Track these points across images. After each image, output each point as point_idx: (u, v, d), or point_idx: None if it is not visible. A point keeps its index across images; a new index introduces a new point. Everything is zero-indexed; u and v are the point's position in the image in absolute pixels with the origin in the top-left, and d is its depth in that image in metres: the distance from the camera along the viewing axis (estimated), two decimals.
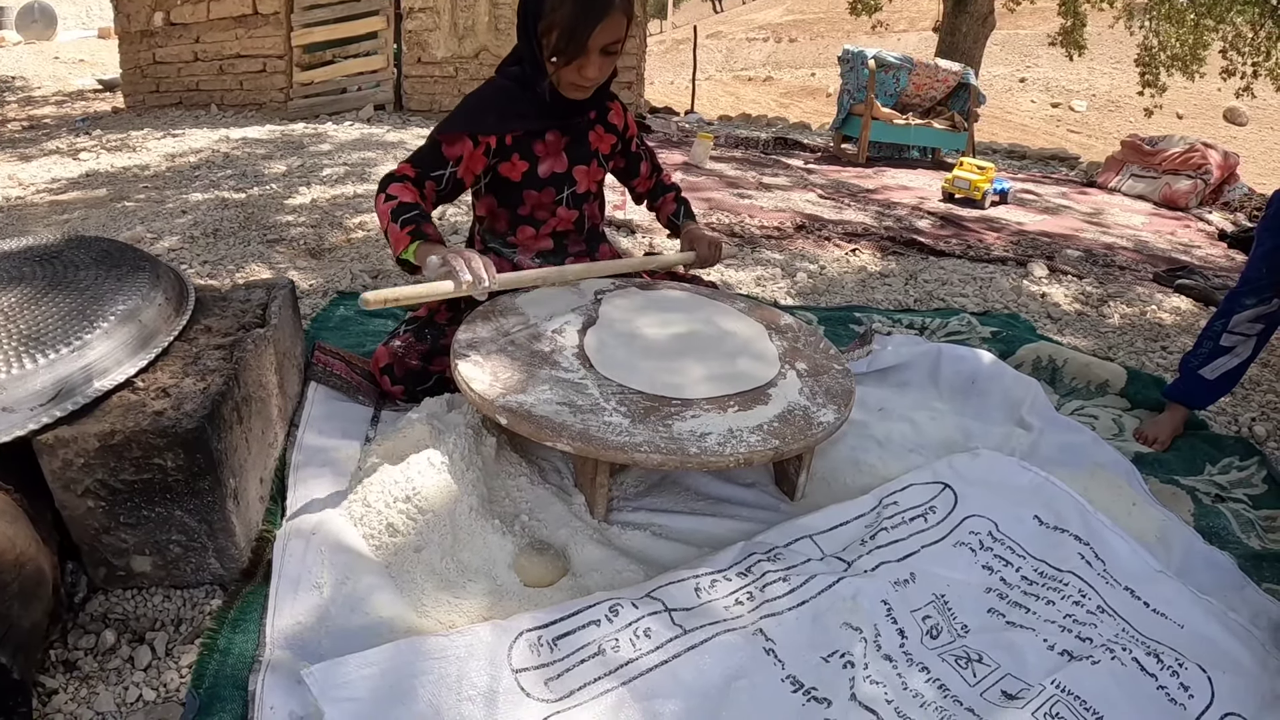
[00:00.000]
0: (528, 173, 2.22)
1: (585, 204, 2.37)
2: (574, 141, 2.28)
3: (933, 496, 1.90)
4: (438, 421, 1.81)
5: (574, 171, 2.29)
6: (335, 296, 3.01)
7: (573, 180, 2.30)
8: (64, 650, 1.43)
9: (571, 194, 2.31)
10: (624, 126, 2.42)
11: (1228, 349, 2.38)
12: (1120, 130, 14.41)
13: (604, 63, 2.07)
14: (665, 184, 2.61)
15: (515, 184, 2.23)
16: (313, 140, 6.22)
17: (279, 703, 1.30)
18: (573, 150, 2.28)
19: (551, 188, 2.26)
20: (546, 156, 2.23)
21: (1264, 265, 2.29)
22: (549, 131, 2.23)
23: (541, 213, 2.29)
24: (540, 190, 2.25)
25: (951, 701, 1.44)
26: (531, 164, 2.22)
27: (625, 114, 2.44)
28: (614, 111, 2.39)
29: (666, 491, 1.95)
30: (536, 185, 2.24)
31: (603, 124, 2.36)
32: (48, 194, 4.59)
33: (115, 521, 1.47)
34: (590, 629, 1.42)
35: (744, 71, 21.96)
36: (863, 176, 6.65)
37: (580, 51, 2.01)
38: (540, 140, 2.22)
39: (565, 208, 2.32)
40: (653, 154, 2.58)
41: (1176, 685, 1.48)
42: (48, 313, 1.53)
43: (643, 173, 2.55)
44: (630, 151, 2.48)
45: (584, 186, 2.34)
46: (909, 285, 3.76)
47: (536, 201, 2.27)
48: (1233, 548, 1.98)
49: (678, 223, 2.55)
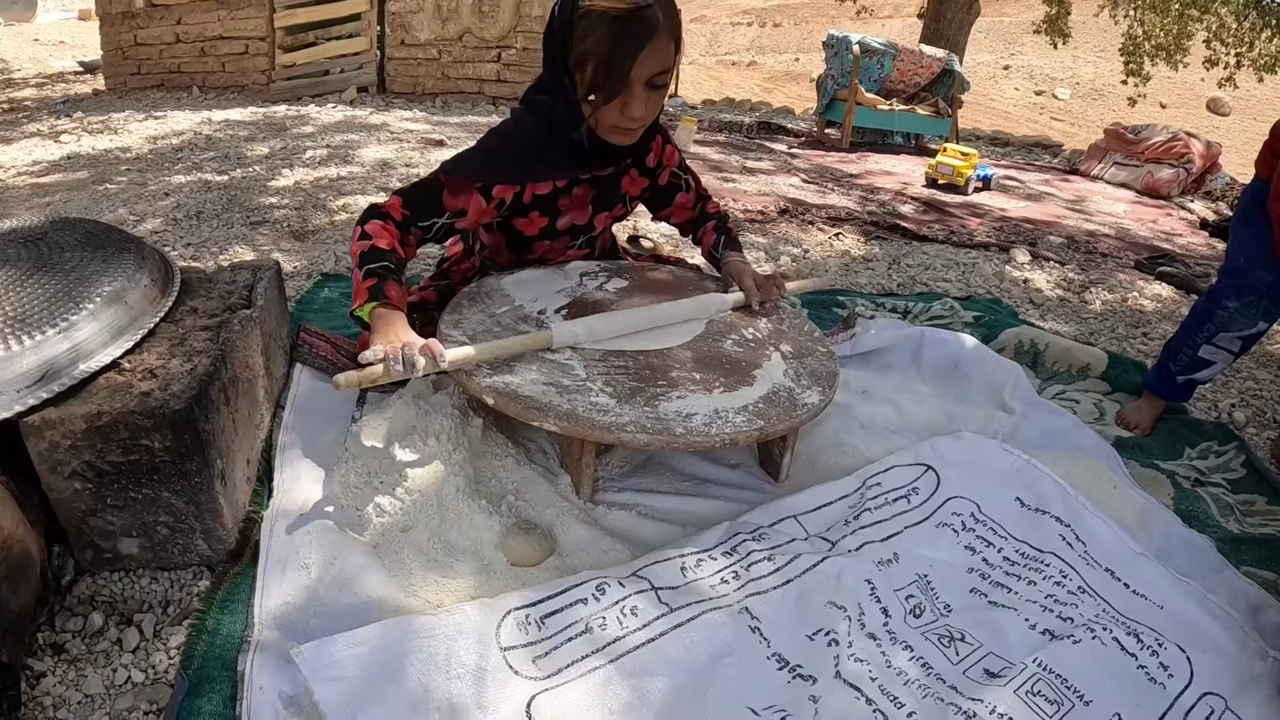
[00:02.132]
0: (546, 228, 2.02)
1: (598, 241, 2.22)
2: (602, 193, 2.03)
3: (915, 478, 1.92)
4: (424, 402, 1.82)
5: (595, 219, 2.09)
6: (319, 278, 3.00)
7: (591, 228, 2.11)
8: (51, 633, 1.43)
9: (587, 239, 2.15)
10: (658, 164, 2.13)
11: (1207, 362, 2.40)
12: (1103, 119, 14.47)
13: (651, 98, 1.77)
14: (708, 212, 2.32)
15: (529, 237, 2.05)
16: (295, 122, 6.18)
17: (268, 682, 1.31)
18: (600, 201, 2.05)
19: (568, 237, 2.09)
20: (569, 210, 2.01)
21: (1241, 256, 2.30)
22: (578, 186, 1.97)
23: (552, 255, 2.15)
24: (555, 239, 2.08)
25: (935, 679, 1.46)
26: (551, 219, 2.00)
27: (664, 147, 2.13)
28: (653, 151, 2.10)
29: (652, 472, 1.96)
30: (553, 236, 2.06)
31: (638, 167, 2.10)
32: (29, 177, 4.55)
33: (102, 503, 1.47)
34: (577, 607, 1.43)
35: (728, 56, 21.91)
36: (846, 162, 6.66)
37: (621, 87, 1.71)
38: (567, 196, 1.98)
39: (576, 250, 2.17)
40: (696, 181, 2.29)
41: (1156, 665, 1.50)
42: (33, 295, 1.52)
43: (679, 203, 2.27)
44: (660, 185, 2.20)
45: (599, 230, 2.15)
46: (892, 270, 3.78)
47: (549, 249, 2.11)
48: (1212, 531, 2.01)
49: (716, 256, 2.26)
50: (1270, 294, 2.26)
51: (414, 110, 7.29)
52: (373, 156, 5.05)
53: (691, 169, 2.28)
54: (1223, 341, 2.35)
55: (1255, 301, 2.27)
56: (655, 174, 2.14)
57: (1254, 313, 2.28)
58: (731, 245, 2.26)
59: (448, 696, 1.26)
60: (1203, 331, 2.38)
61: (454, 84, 8.24)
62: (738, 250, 2.26)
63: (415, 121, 6.53)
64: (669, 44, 1.71)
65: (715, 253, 2.27)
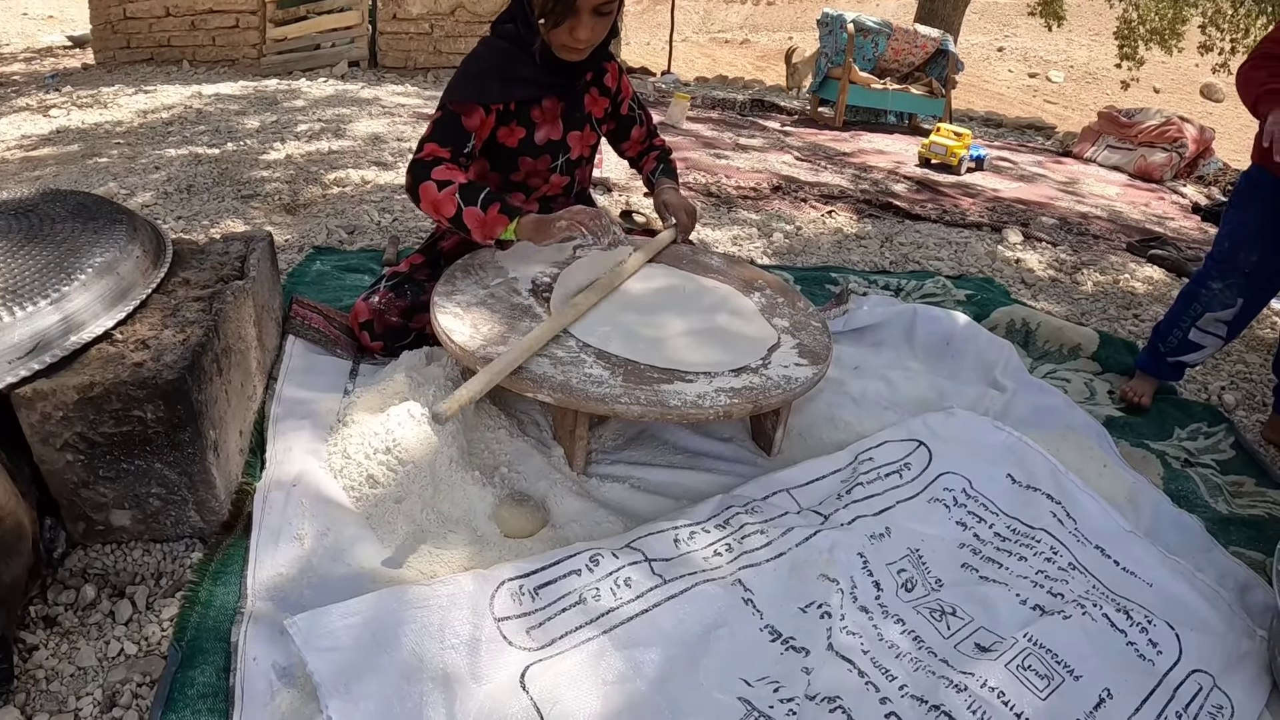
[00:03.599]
0: (524, 139, 2.16)
1: (577, 169, 2.33)
2: (569, 107, 2.22)
3: (908, 453, 1.93)
4: (417, 374, 1.82)
5: (568, 138, 2.24)
6: (311, 251, 2.99)
7: (567, 147, 2.25)
8: (44, 606, 1.43)
9: (565, 160, 2.26)
10: (617, 89, 2.35)
11: (1196, 345, 2.42)
12: (1096, 102, 14.43)
13: (597, 23, 1.99)
14: (654, 145, 2.54)
15: (511, 150, 2.17)
16: (287, 96, 6.13)
17: (262, 653, 1.31)
18: (568, 116, 2.22)
19: (547, 154, 2.21)
20: (543, 123, 2.17)
21: (1228, 240, 2.33)
22: (546, 98, 2.16)
23: (535, 179, 2.25)
24: (536, 157, 2.20)
25: (926, 652, 1.47)
26: (528, 130, 2.16)
27: (621, 76, 2.36)
28: (609, 73, 2.32)
29: (645, 445, 1.97)
30: (533, 153, 2.19)
31: (597, 86, 2.30)
32: (19, 150, 4.51)
33: (94, 475, 1.46)
34: (571, 578, 1.44)
35: (721, 34, 21.78)
36: (839, 140, 6.65)
37: (569, 12, 1.93)
38: (537, 106, 2.16)
39: (558, 174, 2.28)
40: (649, 118, 2.51)
41: (1145, 641, 1.52)
42: (24, 266, 1.51)
43: (634, 137, 2.48)
44: (621, 115, 2.41)
45: (577, 152, 2.29)
46: (885, 247, 3.78)
47: (531, 168, 2.22)
48: (1200, 511, 2.03)
49: (653, 180, 2.48)
50: (1252, 275, 2.29)
51: (405, 85, 7.23)
52: (365, 130, 5.02)
53: (645, 106, 2.51)
54: (1209, 325, 2.38)
55: (1236, 282, 2.31)
56: (615, 98, 2.36)
57: (1233, 293, 2.32)
58: (667, 173, 2.48)
59: (442, 667, 1.26)
60: (1189, 314, 2.41)
61: (446, 58, 8.18)
62: (672, 178, 2.49)
63: (407, 96, 6.48)
64: None
65: (651, 177, 2.48)
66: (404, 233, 3.30)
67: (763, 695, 1.34)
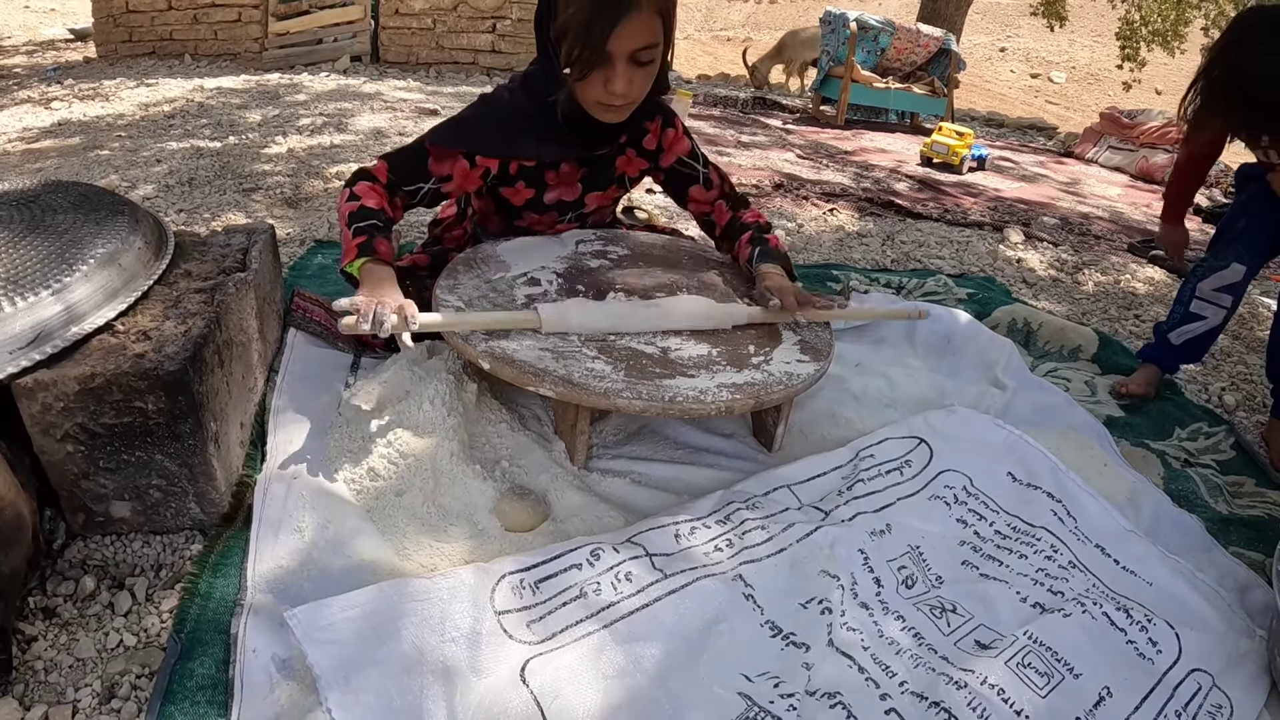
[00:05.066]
0: (532, 199, 1.99)
1: (591, 218, 2.16)
2: (594, 171, 1.99)
3: (908, 451, 1.93)
4: (418, 368, 1.81)
5: (585, 198, 2.04)
6: (313, 245, 2.99)
7: (582, 205, 2.06)
8: (43, 597, 1.43)
9: (577, 214, 2.09)
10: (657, 149, 2.06)
11: (1197, 316, 2.42)
12: (1098, 103, 14.42)
13: (636, 75, 1.71)
14: (741, 221, 2.14)
15: (515, 205, 2.02)
16: (289, 90, 6.13)
17: (262, 645, 1.31)
18: (591, 179, 2.01)
19: (554, 212, 2.05)
20: (557, 186, 1.97)
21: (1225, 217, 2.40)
22: (565, 162, 1.94)
23: (540, 227, 2.10)
24: (542, 214, 2.04)
25: (926, 649, 1.47)
26: (537, 191, 1.97)
27: (664, 133, 2.05)
28: (651, 134, 2.02)
29: (646, 440, 1.96)
30: (538, 210, 2.02)
31: (635, 148, 2.03)
32: (20, 143, 4.51)
33: (95, 466, 1.46)
34: (572, 572, 1.44)
35: (723, 32, 21.76)
36: (841, 138, 6.65)
37: (599, 60, 1.66)
38: (554, 170, 1.95)
39: (566, 224, 2.12)
40: (721, 178, 2.16)
41: (1145, 640, 1.51)
42: (26, 256, 1.51)
43: (693, 196, 2.14)
44: (668, 168, 2.10)
45: (593, 207, 2.09)
46: (886, 246, 3.78)
47: (537, 221, 2.07)
48: (1201, 511, 2.02)
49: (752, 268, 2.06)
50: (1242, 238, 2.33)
51: (407, 80, 7.23)
52: (367, 125, 5.02)
53: (716, 165, 2.16)
54: (1208, 294, 2.38)
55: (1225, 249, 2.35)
56: (656, 157, 2.07)
57: (1227, 256, 2.34)
58: (766, 256, 2.04)
59: (442, 660, 1.26)
60: (1188, 287, 2.43)
61: (448, 54, 8.17)
62: (772, 260, 2.03)
63: (409, 91, 6.48)
64: (653, 18, 1.66)
65: (749, 265, 2.07)
66: (405, 227, 3.29)
67: (763, 690, 1.34)
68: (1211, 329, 2.43)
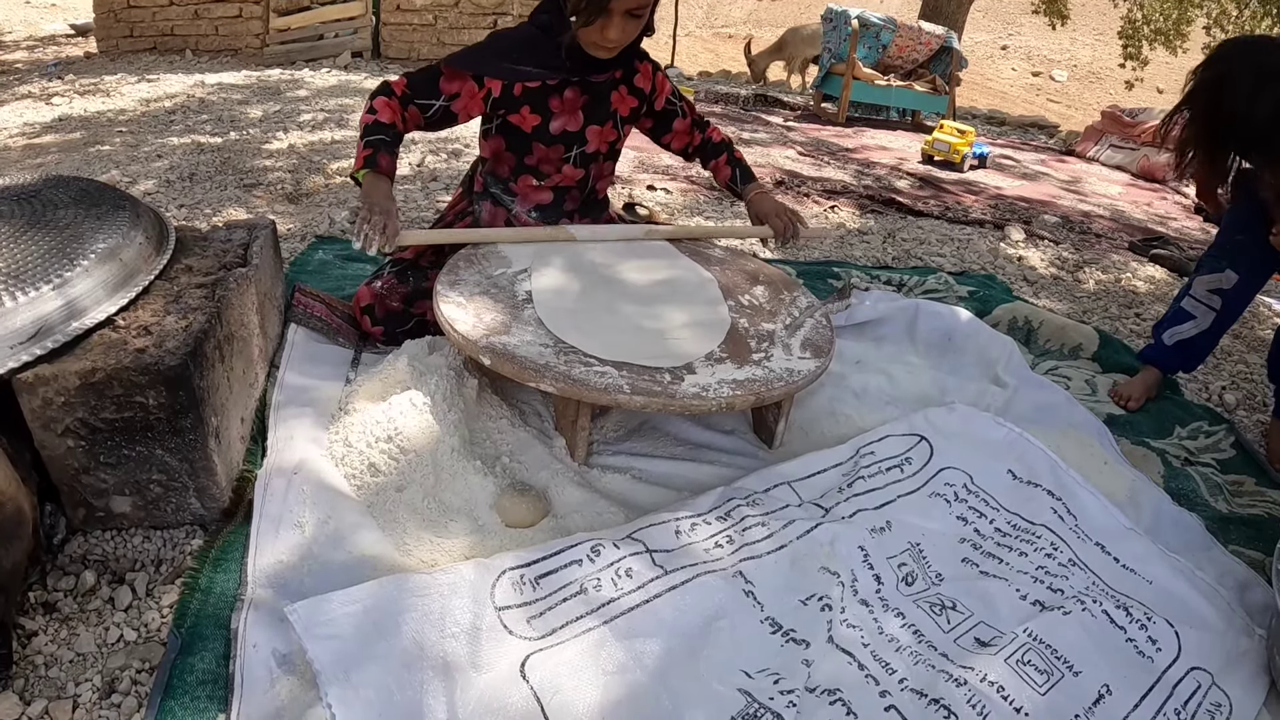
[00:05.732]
0: (539, 126, 2.16)
1: (593, 164, 2.30)
2: (593, 101, 2.20)
3: (909, 448, 1.93)
4: (419, 363, 1.82)
5: (586, 131, 2.22)
6: (314, 241, 2.99)
7: (583, 139, 2.23)
8: (43, 592, 1.43)
9: (580, 153, 2.24)
10: (651, 89, 2.32)
11: (1188, 315, 2.41)
12: (1100, 102, 14.39)
13: (628, 24, 2.01)
14: (715, 141, 2.49)
15: (525, 134, 2.18)
16: (290, 86, 6.13)
17: (262, 640, 1.31)
18: (590, 109, 2.21)
19: (561, 144, 2.20)
20: (561, 113, 2.17)
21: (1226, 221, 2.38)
22: (569, 88, 2.15)
23: (547, 166, 2.23)
24: (549, 145, 2.19)
25: (926, 646, 1.47)
26: (544, 118, 2.16)
27: (655, 75, 2.33)
28: (641, 74, 2.28)
29: (646, 437, 1.97)
30: (546, 140, 2.18)
31: (627, 85, 2.26)
32: (21, 138, 4.51)
33: (95, 461, 1.46)
34: (572, 568, 1.44)
35: (725, 29, 21.71)
36: (842, 136, 6.64)
37: (600, 12, 1.95)
38: (558, 96, 2.15)
39: (572, 166, 2.25)
40: (691, 107, 2.46)
41: (1145, 638, 1.52)
42: (27, 251, 1.51)
43: (677, 128, 2.43)
44: (657, 110, 2.37)
45: (594, 146, 2.26)
46: (887, 243, 3.77)
47: (544, 155, 2.21)
48: (1201, 510, 2.02)
49: (738, 189, 2.44)
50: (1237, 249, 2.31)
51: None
52: None
53: (685, 97, 2.46)
54: (1200, 293, 2.38)
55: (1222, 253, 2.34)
56: (649, 98, 2.33)
57: (1221, 261, 2.33)
58: (748, 177, 2.44)
59: (442, 655, 1.26)
60: (1185, 285, 2.44)
61: (449, 50, 8.07)
62: (754, 180, 2.44)
63: None
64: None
65: (734, 185, 2.44)
66: (407, 223, 3.29)
67: (763, 687, 1.34)
68: (1202, 332, 2.41)
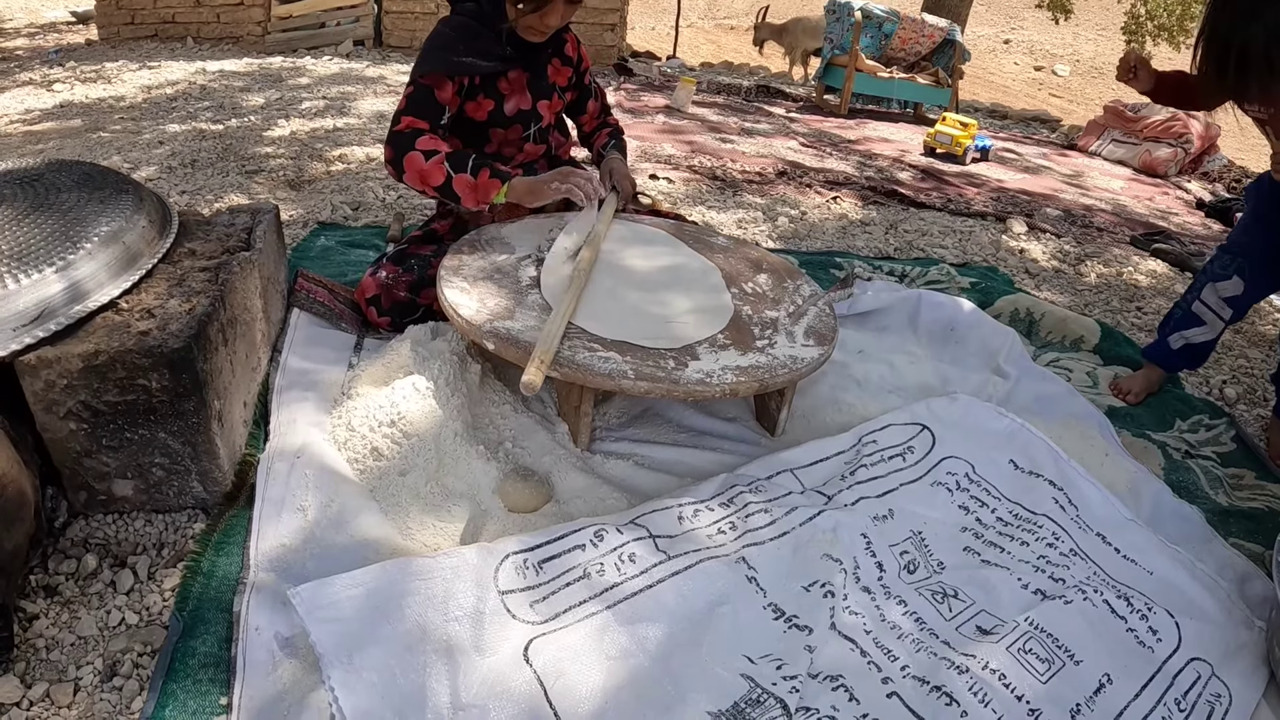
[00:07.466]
0: (493, 111, 2.22)
1: (550, 136, 2.38)
2: (535, 77, 2.28)
3: (911, 437, 1.93)
4: (422, 348, 1.81)
5: (538, 106, 2.30)
6: (316, 227, 2.98)
7: (538, 115, 2.31)
8: (44, 575, 1.43)
9: (538, 129, 2.32)
10: (578, 59, 2.42)
11: (1198, 320, 2.40)
12: (1102, 97, 14.34)
13: (567, 11, 2.08)
14: (608, 123, 2.61)
15: (480, 123, 2.23)
16: (291, 74, 6.11)
17: (264, 623, 1.31)
18: (534, 86, 2.28)
19: (518, 124, 2.27)
20: (511, 94, 2.23)
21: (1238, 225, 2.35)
22: (512, 69, 2.22)
23: (509, 149, 2.30)
24: (507, 128, 2.26)
25: (927, 634, 1.47)
26: (497, 102, 2.22)
27: (579, 46, 2.43)
28: (569, 43, 2.38)
29: (649, 423, 1.97)
30: (503, 123, 2.25)
31: (559, 56, 2.35)
32: (22, 125, 4.49)
33: (97, 444, 1.46)
34: (576, 553, 1.44)
35: (726, 20, 21.63)
36: (844, 127, 6.62)
37: (545, 3, 2.02)
38: (504, 78, 2.22)
39: (532, 143, 2.33)
40: (603, 94, 2.58)
41: (1145, 628, 1.52)
42: (30, 234, 1.51)
43: (590, 111, 2.55)
44: (582, 84, 2.47)
45: (548, 120, 2.35)
46: (889, 234, 3.77)
47: (503, 139, 2.28)
48: (1201, 502, 2.03)
49: (603, 154, 2.53)
50: (1245, 253, 2.29)
51: (410, 64, 7.20)
52: (369, 109, 5.01)
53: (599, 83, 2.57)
54: (1210, 300, 2.36)
55: (1232, 259, 2.31)
56: (577, 66, 2.42)
57: (1229, 268, 2.31)
58: (617, 147, 2.54)
59: (445, 638, 1.26)
60: (1194, 288, 2.41)
61: None
62: (623, 154, 2.54)
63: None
64: None
65: (603, 150, 2.54)
66: (409, 210, 3.29)
67: (765, 672, 1.34)
68: (1208, 340, 2.42)
